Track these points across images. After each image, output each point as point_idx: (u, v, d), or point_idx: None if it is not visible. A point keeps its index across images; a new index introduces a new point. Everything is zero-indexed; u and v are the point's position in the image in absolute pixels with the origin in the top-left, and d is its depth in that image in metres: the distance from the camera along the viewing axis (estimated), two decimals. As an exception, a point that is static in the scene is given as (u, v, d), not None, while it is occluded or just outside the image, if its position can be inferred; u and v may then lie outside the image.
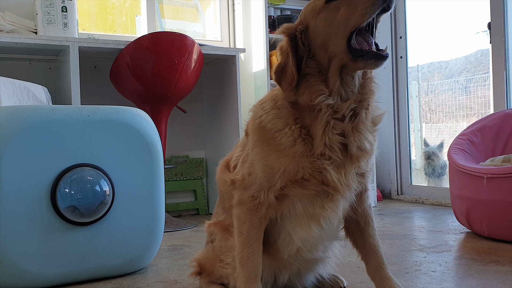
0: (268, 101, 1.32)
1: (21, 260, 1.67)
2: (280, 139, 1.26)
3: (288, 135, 1.25)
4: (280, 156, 1.26)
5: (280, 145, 1.26)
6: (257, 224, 1.32)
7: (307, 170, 1.24)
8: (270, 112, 1.29)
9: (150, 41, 2.78)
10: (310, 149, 1.24)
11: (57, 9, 2.86)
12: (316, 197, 1.28)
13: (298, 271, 1.46)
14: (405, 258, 2.00)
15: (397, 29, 3.94)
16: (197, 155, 3.66)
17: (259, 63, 3.46)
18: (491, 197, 2.22)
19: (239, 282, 1.33)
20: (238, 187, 1.34)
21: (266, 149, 1.28)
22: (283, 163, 1.25)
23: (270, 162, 1.27)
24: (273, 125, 1.27)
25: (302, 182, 1.26)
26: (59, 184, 1.71)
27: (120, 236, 1.85)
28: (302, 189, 1.27)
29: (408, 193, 3.91)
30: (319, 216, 1.30)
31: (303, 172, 1.24)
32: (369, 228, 1.43)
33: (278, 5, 3.79)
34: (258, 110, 1.33)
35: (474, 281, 1.65)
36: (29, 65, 3.08)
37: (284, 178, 1.26)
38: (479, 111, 4.30)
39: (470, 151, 2.63)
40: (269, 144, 1.28)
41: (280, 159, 1.26)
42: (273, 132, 1.27)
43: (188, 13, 3.90)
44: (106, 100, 3.18)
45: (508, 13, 3.13)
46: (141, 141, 1.90)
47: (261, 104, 1.34)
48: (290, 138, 1.25)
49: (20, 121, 1.70)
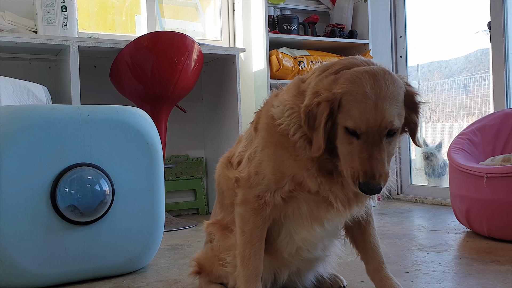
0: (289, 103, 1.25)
1: (21, 259, 1.67)
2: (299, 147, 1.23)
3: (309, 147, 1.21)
4: (293, 163, 1.24)
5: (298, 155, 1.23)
6: (260, 224, 1.31)
7: (312, 189, 1.24)
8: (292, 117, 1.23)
9: (150, 40, 2.78)
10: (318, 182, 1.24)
11: (57, 8, 2.86)
12: (322, 202, 1.28)
13: (297, 270, 1.46)
14: (405, 258, 2.00)
15: (397, 29, 3.94)
16: (197, 154, 3.66)
17: (259, 62, 3.46)
18: (491, 197, 2.22)
19: (240, 281, 1.33)
20: (242, 185, 1.33)
21: (280, 153, 1.25)
22: (294, 170, 1.24)
23: (282, 166, 1.25)
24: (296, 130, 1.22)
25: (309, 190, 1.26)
26: (59, 184, 1.71)
27: (120, 236, 1.85)
28: (310, 194, 1.26)
29: (408, 192, 3.91)
30: (323, 218, 1.30)
31: (309, 187, 1.25)
32: (369, 228, 1.43)
33: (278, 4, 3.79)
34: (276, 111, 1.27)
35: (474, 281, 1.65)
36: (29, 65, 3.08)
37: (293, 183, 1.25)
38: (479, 110, 4.30)
39: (470, 150, 2.63)
40: (285, 149, 1.25)
41: (292, 166, 1.24)
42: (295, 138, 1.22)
43: (188, 12, 3.90)
44: (106, 99, 3.17)
45: (508, 12, 3.13)
46: (141, 141, 1.90)
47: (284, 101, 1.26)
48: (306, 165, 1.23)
49: (20, 121, 1.69)
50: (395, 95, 1.13)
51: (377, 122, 1.10)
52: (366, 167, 1.11)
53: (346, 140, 1.15)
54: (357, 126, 1.11)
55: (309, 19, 3.75)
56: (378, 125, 1.11)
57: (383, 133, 1.12)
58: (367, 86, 1.12)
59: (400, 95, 1.15)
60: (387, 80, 1.14)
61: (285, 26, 3.58)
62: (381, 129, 1.11)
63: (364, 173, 1.11)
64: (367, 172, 1.10)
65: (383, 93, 1.12)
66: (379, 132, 1.12)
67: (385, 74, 1.14)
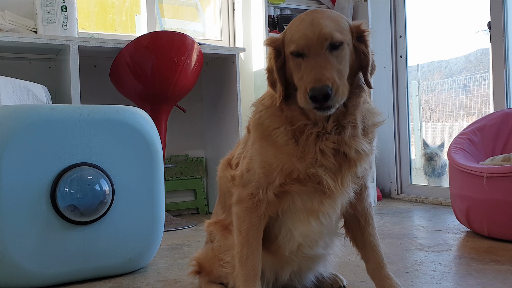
0: (268, 97, 1.33)
1: (21, 259, 1.67)
2: (277, 137, 1.26)
3: (283, 134, 1.26)
4: (277, 153, 1.26)
5: (276, 142, 1.26)
6: (256, 222, 1.32)
7: (301, 172, 1.24)
8: (269, 109, 1.30)
9: (150, 40, 2.78)
10: (302, 153, 1.24)
11: (57, 8, 2.86)
12: (315, 192, 1.28)
13: (299, 268, 1.46)
14: (405, 257, 2.00)
15: (397, 28, 3.94)
16: (197, 154, 3.66)
17: (259, 62, 3.46)
18: (491, 196, 2.22)
19: (239, 281, 1.33)
20: (237, 184, 1.34)
21: (265, 144, 1.28)
22: (280, 160, 1.26)
23: (268, 158, 1.27)
24: (271, 122, 1.28)
25: (299, 180, 1.26)
26: (59, 183, 1.71)
27: (120, 235, 1.85)
28: (301, 185, 1.27)
29: (408, 192, 3.91)
30: (317, 211, 1.31)
31: (298, 173, 1.25)
32: (369, 227, 1.43)
33: (278, 4, 3.79)
34: (258, 105, 1.34)
35: (474, 280, 1.65)
36: (29, 64, 3.08)
37: (283, 175, 1.26)
38: (479, 110, 4.30)
39: (470, 150, 2.63)
40: (267, 140, 1.28)
41: (277, 156, 1.26)
42: (270, 129, 1.27)
43: (188, 12, 3.90)
44: (106, 99, 3.17)
45: (508, 12, 3.13)
46: (141, 140, 1.90)
47: (261, 100, 1.35)
48: (285, 138, 1.25)
49: (20, 121, 1.69)
50: (333, 16, 1.20)
51: (315, 34, 1.15)
52: (310, 76, 1.13)
53: (295, 66, 1.19)
54: (298, 45, 1.16)
55: (309, 19, 3.74)
56: (317, 37, 1.15)
57: (324, 45, 1.15)
58: (304, 16, 1.21)
59: (341, 20, 1.21)
60: (325, 12, 1.21)
61: (285, 25, 3.56)
62: (320, 41, 1.15)
63: (310, 81, 1.13)
64: (312, 79, 1.13)
65: (320, 15, 1.19)
66: (320, 45, 1.15)
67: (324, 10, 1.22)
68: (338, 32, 1.17)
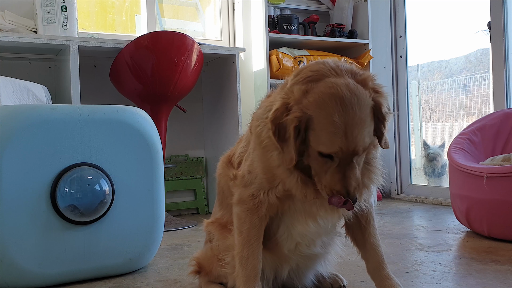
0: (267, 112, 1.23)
1: (21, 259, 1.67)
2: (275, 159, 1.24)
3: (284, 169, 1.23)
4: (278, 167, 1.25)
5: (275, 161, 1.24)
6: (257, 223, 1.32)
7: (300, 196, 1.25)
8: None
9: (150, 40, 2.78)
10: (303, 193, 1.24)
11: (57, 8, 2.86)
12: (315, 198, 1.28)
13: (297, 266, 1.46)
14: (405, 257, 2.00)
15: (397, 28, 3.94)
16: (197, 154, 3.66)
17: (259, 62, 3.46)
18: (491, 196, 2.22)
19: (239, 282, 1.33)
20: (238, 184, 1.34)
21: (267, 155, 1.26)
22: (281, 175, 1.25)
23: (270, 168, 1.26)
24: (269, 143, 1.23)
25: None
26: (59, 183, 1.71)
27: (120, 236, 1.85)
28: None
29: (408, 192, 3.91)
30: (316, 215, 1.31)
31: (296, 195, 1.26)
32: (370, 227, 1.43)
33: (278, 4, 3.78)
34: (259, 112, 1.28)
35: (474, 280, 1.65)
36: (29, 65, 3.08)
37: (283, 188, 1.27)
38: (479, 110, 4.30)
39: (470, 150, 2.63)
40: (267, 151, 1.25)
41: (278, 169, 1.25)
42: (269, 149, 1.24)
43: (188, 12, 3.90)
44: (106, 99, 3.17)
45: (508, 12, 3.13)
46: (141, 141, 1.90)
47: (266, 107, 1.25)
48: (287, 172, 1.23)
49: (20, 121, 1.69)
50: (363, 118, 1.15)
51: (349, 149, 1.14)
52: (340, 187, 1.15)
53: (319, 160, 1.17)
54: (329, 152, 1.15)
55: (309, 19, 3.75)
56: (351, 152, 1.15)
57: (355, 156, 1.16)
58: (335, 114, 1.12)
59: (368, 115, 1.16)
60: (354, 105, 1.14)
61: (285, 26, 3.58)
62: (354, 154, 1.16)
63: (338, 190, 1.15)
64: (341, 191, 1.15)
65: (351, 120, 1.13)
66: (351, 156, 1.16)
67: (351, 97, 1.14)
68: (368, 139, 1.17)
